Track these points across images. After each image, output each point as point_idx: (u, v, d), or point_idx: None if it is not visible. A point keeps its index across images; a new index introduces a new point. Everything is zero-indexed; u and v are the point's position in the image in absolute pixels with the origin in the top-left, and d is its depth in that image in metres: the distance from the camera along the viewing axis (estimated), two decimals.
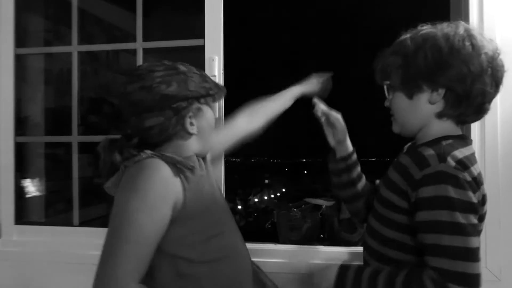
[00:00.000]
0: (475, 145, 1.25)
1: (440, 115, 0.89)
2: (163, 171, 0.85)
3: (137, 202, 0.81)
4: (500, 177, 1.23)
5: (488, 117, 1.23)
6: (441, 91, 0.86)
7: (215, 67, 1.35)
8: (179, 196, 0.87)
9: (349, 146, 1.12)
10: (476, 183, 0.79)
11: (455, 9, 1.40)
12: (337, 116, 1.10)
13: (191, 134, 0.95)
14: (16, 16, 1.54)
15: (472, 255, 0.73)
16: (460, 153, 0.81)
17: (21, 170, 1.90)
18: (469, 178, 0.77)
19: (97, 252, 1.42)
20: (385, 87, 0.96)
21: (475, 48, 0.84)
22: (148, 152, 0.88)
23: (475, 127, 1.25)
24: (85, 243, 1.44)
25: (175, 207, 0.86)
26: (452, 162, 0.78)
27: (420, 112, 0.91)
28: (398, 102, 0.93)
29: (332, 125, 1.10)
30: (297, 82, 1.30)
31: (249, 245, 1.21)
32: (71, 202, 1.56)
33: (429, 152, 0.82)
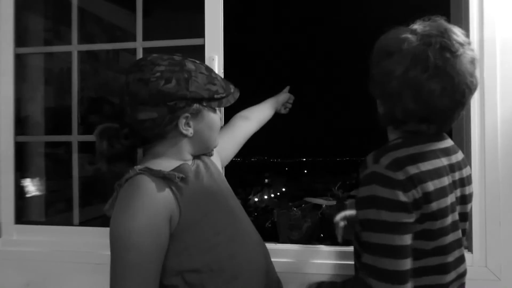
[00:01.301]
0: (475, 145, 1.25)
1: (383, 123, 0.91)
2: (152, 188, 0.82)
3: (132, 225, 0.79)
4: (500, 177, 1.23)
5: (488, 117, 1.24)
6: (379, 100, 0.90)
7: (215, 67, 1.35)
8: (174, 210, 0.85)
9: None
10: (412, 181, 0.77)
11: (455, 9, 1.40)
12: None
13: (185, 136, 0.92)
14: (16, 16, 1.54)
15: (394, 252, 0.75)
16: (401, 152, 0.81)
17: (21, 169, 1.90)
18: (401, 177, 0.76)
19: (97, 251, 1.43)
20: None
21: (396, 66, 0.81)
22: (136, 168, 0.86)
23: (475, 127, 1.25)
24: (85, 242, 1.44)
25: (172, 221, 0.84)
26: (384, 162, 0.79)
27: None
28: None
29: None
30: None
31: None
32: (71, 201, 1.56)
33: (371, 154, 0.84)
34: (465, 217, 0.93)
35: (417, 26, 0.84)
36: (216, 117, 0.96)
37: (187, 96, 0.87)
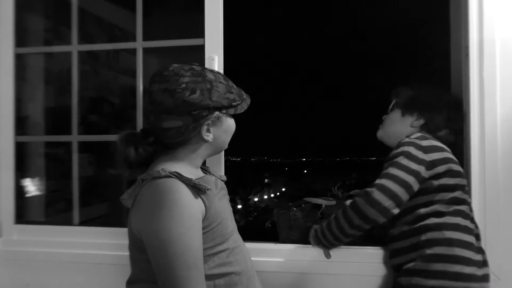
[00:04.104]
0: (475, 145, 1.26)
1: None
2: (189, 193, 0.87)
3: (180, 229, 0.83)
4: (500, 177, 1.23)
5: (487, 117, 1.24)
6: (422, 121, 1.27)
7: (215, 67, 1.35)
8: (203, 214, 0.90)
9: None
10: (430, 149, 1.15)
11: (455, 9, 1.40)
12: None
13: (205, 142, 0.97)
14: (16, 16, 1.54)
15: (391, 177, 1.11)
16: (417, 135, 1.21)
17: (21, 169, 1.90)
18: (424, 144, 1.15)
19: (97, 251, 1.43)
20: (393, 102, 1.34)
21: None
22: (166, 169, 0.89)
23: (475, 126, 1.26)
24: (85, 242, 1.44)
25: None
26: (413, 137, 1.20)
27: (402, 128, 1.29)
28: (394, 116, 1.33)
29: None
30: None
31: (249, 245, 1.21)
32: (71, 201, 1.56)
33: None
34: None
35: None
36: (232, 122, 1.02)
37: (210, 106, 0.92)
